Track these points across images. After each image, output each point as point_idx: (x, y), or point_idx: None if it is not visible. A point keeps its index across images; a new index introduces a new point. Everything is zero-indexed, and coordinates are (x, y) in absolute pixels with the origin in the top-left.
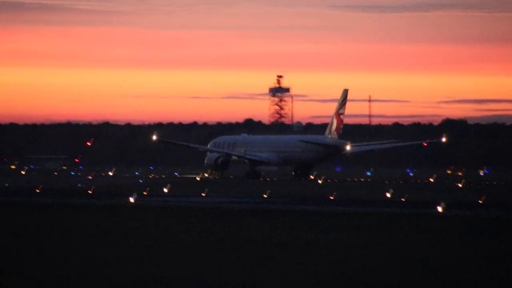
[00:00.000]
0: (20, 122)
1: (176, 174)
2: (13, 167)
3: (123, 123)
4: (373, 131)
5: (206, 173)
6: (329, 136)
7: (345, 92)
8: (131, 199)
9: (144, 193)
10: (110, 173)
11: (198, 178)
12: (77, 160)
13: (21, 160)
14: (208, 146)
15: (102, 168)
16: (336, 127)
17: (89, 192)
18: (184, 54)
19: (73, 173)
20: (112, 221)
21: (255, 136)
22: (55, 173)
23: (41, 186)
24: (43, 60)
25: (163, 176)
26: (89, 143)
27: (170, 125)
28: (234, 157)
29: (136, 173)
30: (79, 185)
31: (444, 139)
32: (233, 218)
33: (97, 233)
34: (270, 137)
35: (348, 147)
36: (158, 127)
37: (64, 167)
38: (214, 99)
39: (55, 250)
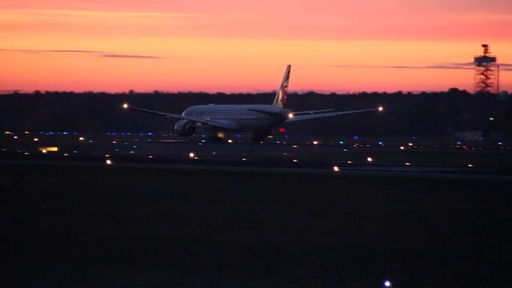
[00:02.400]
0: (228, 92)
1: (380, 143)
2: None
3: (328, 93)
4: None
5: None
6: (276, 106)
7: (288, 67)
8: (335, 168)
9: (348, 162)
10: (315, 143)
11: (402, 148)
12: (282, 130)
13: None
14: (182, 114)
15: (307, 137)
16: (282, 98)
17: (294, 161)
18: (389, 24)
19: (278, 142)
20: (313, 189)
21: (220, 106)
22: (261, 142)
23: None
24: (244, 31)
25: (368, 146)
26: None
27: (374, 94)
28: (198, 124)
29: (340, 142)
30: (284, 154)
31: (380, 108)
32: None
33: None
34: (230, 106)
35: (290, 115)
36: (362, 96)
37: (271, 136)
38: (419, 69)
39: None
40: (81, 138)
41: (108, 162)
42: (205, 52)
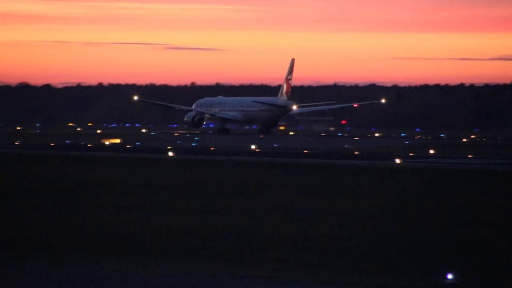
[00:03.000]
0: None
1: (442, 135)
2: (282, 128)
3: (389, 85)
4: None
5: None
6: (280, 98)
7: (292, 61)
8: (397, 160)
9: (410, 154)
10: (377, 135)
11: (464, 140)
12: (343, 122)
13: (290, 122)
14: (193, 106)
15: (369, 130)
16: (286, 91)
17: (355, 153)
18: (450, 16)
19: (339, 135)
20: (375, 182)
21: (228, 98)
22: (322, 135)
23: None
24: (305, 24)
25: (429, 138)
26: (356, 105)
27: (436, 86)
28: (207, 115)
29: (402, 134)
30: (346, 146)
31: (383, 101)
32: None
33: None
34: (238, 98)
35: (294, 107)
36: (424, 89)
37: (332, 128)
38: (482, 60)
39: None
40: (143, 130)
41: (170, 154)
42: (267, 44)
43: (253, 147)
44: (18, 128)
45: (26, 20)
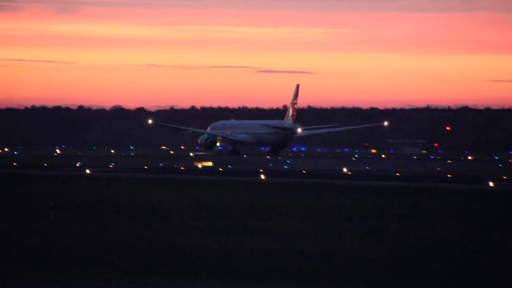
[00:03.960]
0: (381, 107)
1: None
2: (374, 151)
3: (482, 108)
4: None
5: None
6: (286, 121)
7: (297, 86)
8: (491, 184)
9: (504, 177)
10: (470, 158)
11: None
12: (436, 145)
13: (381, 145)
14: (208, 129)
15: (461, 153)
16: (292, 114)
17: (448, 176)
18: None
19: (431, 157)
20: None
21: (239, 121)
22: (414, 157)
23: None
24: (398, 46)
25: None
26: (448, 127)
27: None
28: (219, 137)
29: (495, 157)
30: (438, 169)
31: (386, 123)
32: None
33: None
34: (248, 121)
35: (299, 130)
36: None
37: (424, 151)
38: None
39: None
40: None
41: (262, 177)
42: (358, 67)
43: (344, 169)
44: (112, 151)
45: (120, 44)
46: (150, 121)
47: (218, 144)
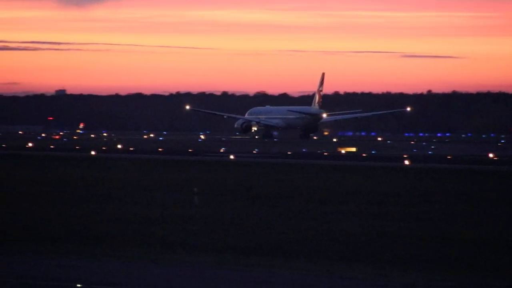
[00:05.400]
0: None
1: None
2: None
3: None
4: None
5: None
6: (313, 107)
7: (323, 75)
8: None
9: None
10: None
11: None
12: None
13: None
14: (246, 115)
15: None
16: (318, 101)
17: None
18: None
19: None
20: None
21: (274, 107)
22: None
23: None
24: None
25: None
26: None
27: None
28: (253, 122)
29: None
30: None
31: (408, 109)
32: None
33: None
34: (280, 107)
35: (324, 115)
36: None
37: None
38: None
39: None
40: (379, 139)
41: (406, 162)
42: (505, 51)
43: (490, 155)
44: (256, 137)
45: (263, 30)
46: (187, 107)
47: (255, 128)
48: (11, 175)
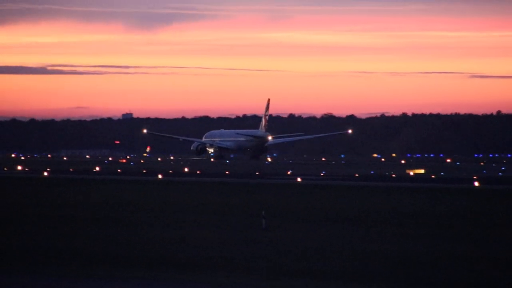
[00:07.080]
0: None
1: None
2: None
3: None
4: None
5: None
6: (260, 130)
7: (268, 100)
8: None
9: None
10: None
11: None
12: None
13: None
14: (203, 138)
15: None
16: (264, 124)
17: None
18: None
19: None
20: None
21: (226, 130)
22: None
23: None
24: None
25: None
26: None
27: None
28: (207, 145)
29: None
30: None
31: (350, 131)
32: None
33: None
34: (231, 131)
35: (270, 138)
36: None
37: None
38: None
39: None
40: (448, 160)
41: (476, 184)
42: None
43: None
44: (323, 159)
45: (330, 51)
46: (144, 131)
47: (211, 150)
48: (84, 199)
